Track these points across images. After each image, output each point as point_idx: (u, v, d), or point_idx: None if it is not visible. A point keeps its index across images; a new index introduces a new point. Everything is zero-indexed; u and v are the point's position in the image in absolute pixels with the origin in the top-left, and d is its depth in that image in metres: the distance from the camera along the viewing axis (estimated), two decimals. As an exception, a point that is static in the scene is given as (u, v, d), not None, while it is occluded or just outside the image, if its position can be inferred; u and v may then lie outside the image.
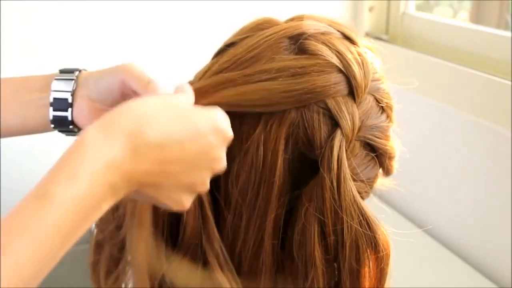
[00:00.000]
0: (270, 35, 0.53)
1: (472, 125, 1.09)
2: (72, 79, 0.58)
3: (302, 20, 0.56)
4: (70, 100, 0.57)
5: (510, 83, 0.99)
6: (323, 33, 0.54)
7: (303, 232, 0.50)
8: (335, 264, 0.51)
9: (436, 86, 1.16)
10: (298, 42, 0.52)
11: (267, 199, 0.51)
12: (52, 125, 0.59)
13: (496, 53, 1.08)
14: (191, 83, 0.55)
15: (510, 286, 1.03)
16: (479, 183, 1.10)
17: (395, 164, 0.59)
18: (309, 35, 0.53)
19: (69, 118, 0.58)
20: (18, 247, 0.36)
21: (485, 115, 1.05)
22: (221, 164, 0.48)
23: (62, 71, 0.59)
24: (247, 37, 0.55)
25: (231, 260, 0.52)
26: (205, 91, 0.51)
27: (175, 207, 0.47)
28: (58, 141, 1.31)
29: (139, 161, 0.41)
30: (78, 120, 0.58)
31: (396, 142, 0.58)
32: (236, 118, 0.51)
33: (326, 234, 0.50)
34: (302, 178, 0.51)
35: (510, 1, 1.32)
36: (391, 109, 0.57)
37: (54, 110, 0.58)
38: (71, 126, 0.58)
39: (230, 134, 0.48)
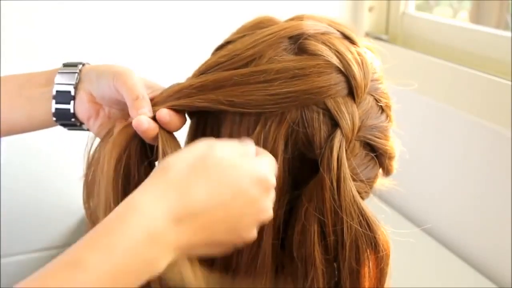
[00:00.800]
0: (269, 34, 0.53)
1: (472, 125, 1.09)
2: (75, 72, 0.59)
3: (302, 20, 0.56)
4: (72, 93, 0.58)
5: (510, 83, 0.99)
6: (323, 33, 0.54)
7: (303, 232, 0.50)
8: (335, 264, 0.51)
9: (436, 86, 1.16)
10: (298, 42, 0.52)
11: None
12: (54, 118, 0.59)
13: (496, 53, 1.08)
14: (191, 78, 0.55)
15: (510, 286, 1.03)
16: (479, 183, 1.10)
17: (395, 164, 0.59)
18: (308, 35, 0.53)
19: (71, 111, 0.58)
20: None
21: (485, 115, 1.04)
22: (267, 213, 0.47)
23: (66, 65, 0.60)
24: (246, 35, 0.55)
25: (231, 260, 0.52)
26: (203, 85, 0.51)
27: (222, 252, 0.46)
28: (58, 141, 1.31)
29: (182, 230, 0.40)
30: (79, 113, 0.59)
31: (396, 142, 0.58)
32: (236, 116, 0.51)
33: (326, 234, 0.50)
34: (302, 178, 0.52)
35: (510, 1, 1.32)
36: (390, 109, 0.57)
37: (56, 103, 0.58)
38: (73, 119, 0.59)
39: (273, 182, 0.47)
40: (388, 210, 0.64)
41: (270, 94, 0.50)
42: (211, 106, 0.51)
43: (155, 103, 0.54)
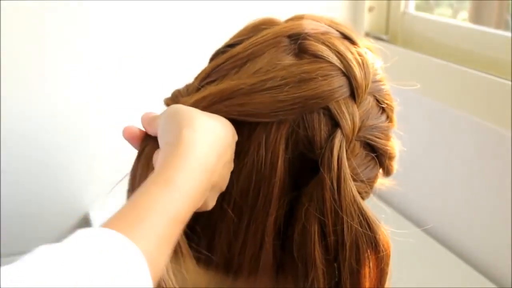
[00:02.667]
0: (269, 33, 0.53)
1: (472, 125, 1.09)
2: None
3: (302, 20, 0.56)
4: None
5: (510, 83, 0.99)
6: (323, 33, 0.54)
7: (303, 232, 0.50)
8: (335, 264, 0.51)
9: (436, 86, 1.16)
10: (298, 42, 0.52)
11: (268, 199, 0.51)
12: None
13: (496, 53, 1.08)
14: (189, 87, 0.55)
15: (510, 286, 1.03)
16: (479, 183, 1.10)
17: (395, 164, 0.59)
18: (309, 35, 0.53)
19: None
20: (154, 221, 0.40)
21: (485, 115, 1.05)
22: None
23: None
24: (247, 37, 0.55)
25: (232, 260, 0.52)
26: (210, 101, 0.51)
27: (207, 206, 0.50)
28: (58, 141, 1.31)
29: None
30: None
31: (396, 142, 0.58)
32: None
33: (326, 234, 0.50)
34: (302, 178, 0.51)
35: (510, 1, 1.32)
36: (392, 110, 0.57)
37: None
38: None
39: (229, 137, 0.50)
40: (388, 210, 0.64)
41: (279, 101, 0.50)
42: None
43: None
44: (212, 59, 0.58)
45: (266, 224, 0.51)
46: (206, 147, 0.46)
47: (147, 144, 0.52)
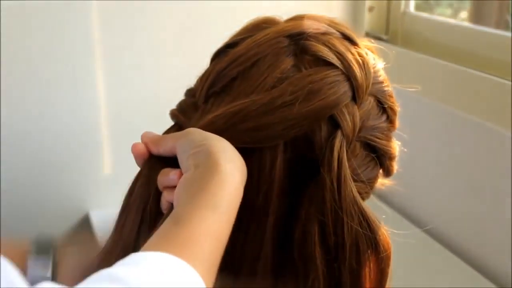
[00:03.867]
0: (269, 34, 0.53)
1: (472, 125, 1.09)
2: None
3: (302, 20, 0.55)
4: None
5: (510, 83, 0.99)
6: (323, 33, 0.54)
7: (303, 232, 0.50)
8: (335, 265, 0.51)
9: (436, 86, 1.16)
10: (299, 43, 0.52)
11: (267, 200, 0.51)
12: None
13: (496, 53, 1.08)
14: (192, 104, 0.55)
15: (510, 286, 1.03)
16: (479, 183, 1.10)
17: (396, 165, 0.59)
18: (309, 36, 0.53)
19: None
20: (205, 244, 0.42)
21: (485, 115, 1.05)
22: None
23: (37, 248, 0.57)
24: (247, 37, 0.55)
25: (232, 260, 0.52)
26: (224, 125, 0.51)
27: None
28: (59, 141, 1.31)
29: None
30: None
31: (396, 143, 0.58)
32: None
33: (326, 235, 0.50)
34: (302, 179, 0.51)
35: (510, 1, 1.32)
36: (394, 112, 0.56)
37: None
38: None
39: None
40: (388, 210, 0.64)
41: (289, 120, 0.49)
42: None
43: None
44: (213, 59, 0.58)
45: (266, 224, 0.51)
46: (239, 176, 0.47)
47: (149, 165, 0.52)
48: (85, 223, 1.36)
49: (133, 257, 0.39)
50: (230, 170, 0.46)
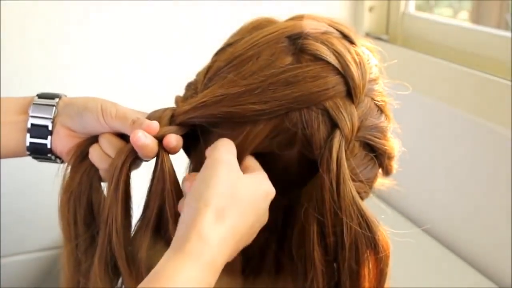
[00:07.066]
0: (269, 34, 0.53)
1: (472, 125, 1.09)
2: (53, 105, 0.56)
3: (301, 20, 0.55)
4: (50, 128, 0.55)
5: (510, 83, 0.99)
6: (322, 33, 0.54)
7: (302, 232, 0.50)
8: (334, 265, 0.51)
9: (436, 86, 1.16)
10: (297, 42, 0.52)
11: None
12: (28, 152, 0.56)
13: (496, 53, 1.08)
14: (194, 86, 0.55)
15: (510, 286, 1.03)
16: (479, 183, 1.10)
17: (395, 164, 0.59)
18: (308, 35, 0.53)
19: (48, 146, 0.56)
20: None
21: (485, 115, 1.05)
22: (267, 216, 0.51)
23: (41, 96, 0.57)
24: (246, 36, 0.55)
25: (231, 260, 0.52)
26: (204, 104, 0.52)
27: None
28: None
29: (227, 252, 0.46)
30: (56, 147, 0.56)
31: (395, 142, 0.58)
32: (230, 125, 0.51)
33: (325, 235, 0.50)
34: (301, 178, 0.51)
35: (510, 1, 1.32)
36: (386, 107, 0.56)
37: (31, 136, 0.55)
38: (49, 154, 0.57)
39: (273, 193, 0.50)
40: (387, 210, 0.64)
41: (263, 102, 0.50)
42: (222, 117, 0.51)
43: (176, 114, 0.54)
44: (214, 57, 0.58)
45: (265, 223, 0.50)
46: (242, 222, 0.46)
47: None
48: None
49: None
50: (232, 220, 0.45)
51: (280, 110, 0.50)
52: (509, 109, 0.97)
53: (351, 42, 0.55)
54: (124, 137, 0.54)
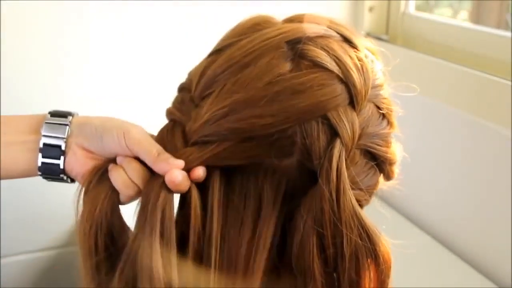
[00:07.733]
0: (267, 39, 0.51)
1: (472, 125, 1.09)
2: (66, 125, 0.54)
3: (301, 21, 0.54)
4: (63, 148, 0.54)
5: (510, 83, 0.99)
6: (322, 37, 0.52)
7: (301, 244, 0.49)
8: (334, 276, 0.50)
9: (436, 86, 1.16)
10: (297, 48, 0.50)
11: (265, 209, 0.50)
12: (39, 172, 0.55)
13: (496, 53, 1.08)
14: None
15: (510, 286, 1.03)
16: (479, 183, 1.10)
17: (396, 169, 0.57)
18: (307, 40, 0.51)
19: (61, 166, 0.54)
20: None
21: (485, 115, 1.04)
22: None
23: (53, 114, 0.55)
24: (243, 38, 0.53)
25: (231, 270, 0.51)
26: (214, 118, 0.50)
27: None
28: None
29: None
30: (72, 169, 0.55)
31: (397, 147, 0.56)
32: None
33: (325, 247, 0.48)
34: (300, 189, 0.50)
35: (510, 1, 1.32)
36: (392, 115, 0.55)
37: (43, 157, 0.54)
38: (61, 175, 0.55)
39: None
40: (388, 211, 0.64)
41: (270, 116, 0.48)
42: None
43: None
44: (209, 56, 0.56)
45: (263, 234, 0.49)
46: None
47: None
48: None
49: None
50: None
51: (288, 123, 0.48)
52: (509, 109, 0.97)
53: (353, 45, 0.53)
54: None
